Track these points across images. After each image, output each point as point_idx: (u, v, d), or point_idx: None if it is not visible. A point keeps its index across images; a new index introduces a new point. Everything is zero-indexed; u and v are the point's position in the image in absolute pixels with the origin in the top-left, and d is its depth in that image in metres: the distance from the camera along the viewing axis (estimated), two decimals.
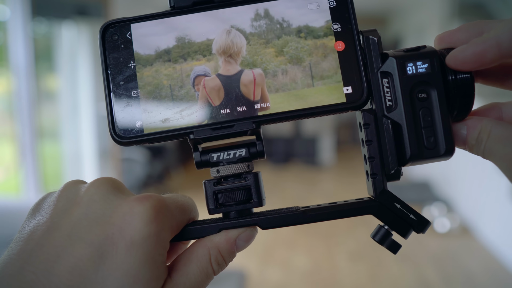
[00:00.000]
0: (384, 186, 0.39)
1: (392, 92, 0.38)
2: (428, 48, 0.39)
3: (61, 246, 0.32)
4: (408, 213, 0.39)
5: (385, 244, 0.39)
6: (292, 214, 0.39)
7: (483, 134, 0.36)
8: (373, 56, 0.39)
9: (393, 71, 0.38)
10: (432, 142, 0.38)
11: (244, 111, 0.39)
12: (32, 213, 0.35)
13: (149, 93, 0.39)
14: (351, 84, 0.39)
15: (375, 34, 0.39)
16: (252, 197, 0.39)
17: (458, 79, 0.37)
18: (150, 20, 0.40)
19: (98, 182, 0.35)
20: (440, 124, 0.38)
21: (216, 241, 0.37)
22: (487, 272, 3.18)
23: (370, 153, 0.39)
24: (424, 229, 0.39)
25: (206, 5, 0.40)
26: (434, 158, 0.38)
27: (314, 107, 0.39)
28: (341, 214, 0.39)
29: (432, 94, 0.38)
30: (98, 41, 0.40)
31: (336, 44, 0.40)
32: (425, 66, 0.38)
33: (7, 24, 3.42)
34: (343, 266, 3.32)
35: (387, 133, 0.38)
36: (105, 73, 0.40)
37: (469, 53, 0.36)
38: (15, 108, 3.47)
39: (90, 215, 0.33)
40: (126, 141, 0.39)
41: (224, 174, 0.39)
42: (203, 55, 0.40)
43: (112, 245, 0.32)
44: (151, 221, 0.33)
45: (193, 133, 0.39)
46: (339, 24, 0.40)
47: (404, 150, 0.38)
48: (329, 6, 0.40)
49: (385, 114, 0.38)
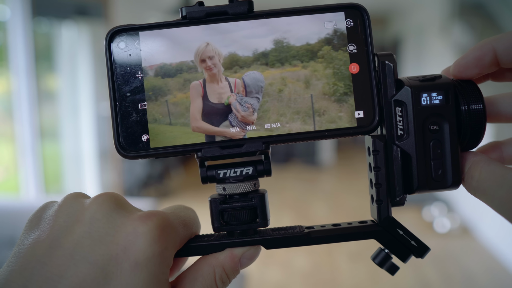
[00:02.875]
0: (389, 212, 0.39)
1: (404, 121, 0.38)
2: (444, 79, 0.39)
3: (64, 265, 0.31)
4: (409, 240, 0.39)
5: (384, 267, 0.40)
6: (296, 236, 0.39)
7: (474, 170, 0.36)
8: (387, 83, 0.38)
9: (407, 101, 0.38)
10: (440, 175, 0.38)
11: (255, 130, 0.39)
12: (31, 225, 0.34)
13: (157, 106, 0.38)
14: (363, 109, 0.39)
15: (391, 59, 0.39)
16: (258, 217, 0.39)
17: (471, 109, 0.38)
18: (162, 29, 0.38)
19: (100, 199, 0.34)
20: (449, 157, 0.38)
21: (221, 260, 0.37)
22: (487, 272, 3.18)
23: (377, 180, 0.39)
24: (423, 255, 0.40)
25: (220, 17, 0.38)
26: (441, 189, 0.39)
27: (324, 130, 0.39)
28: (345, 237, 0.40)
29: (444, 127, 0.38)
30: (104, 47, 0.38)
31: (351, 66, 0.39)
32: (439, 98, 0.38)
33: (7, 24, 3.42)
34: (343, 266, 3.32)
35: (395, 161, 0.38)
36: (111, 83, 0.38)
37: (470, 58, 0.38)
38: (15, 108, 3.47)
39: (93, 234, 0.32)
40: (131, 155, 0.38)
41: (230, 193, 0.39)
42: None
43: (117, 265, 0.31)
44: (155, 241, 0.33)
45: (201, 151, 0.38)
46: (355, 46, 0.39)
47: (411, 179, 0.38)
48: (346, 26, 0.39)
49: (396, 142, 0.38)
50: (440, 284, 3.04)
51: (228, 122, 0.39)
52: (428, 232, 3.80)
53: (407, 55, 6.77)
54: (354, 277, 3.16)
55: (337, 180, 5.91)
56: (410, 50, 6.60)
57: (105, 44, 0.38)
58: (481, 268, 3.22)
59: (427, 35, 5.55)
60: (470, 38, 3.99)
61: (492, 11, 3.80)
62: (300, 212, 4.55)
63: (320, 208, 4.67)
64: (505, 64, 0.37)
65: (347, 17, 0.39)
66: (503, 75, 0.40)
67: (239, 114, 0.39)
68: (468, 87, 0.38)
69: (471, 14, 4.10)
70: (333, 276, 3.20)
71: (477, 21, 4.02)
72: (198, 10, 0.38)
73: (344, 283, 3.11)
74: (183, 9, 0.39)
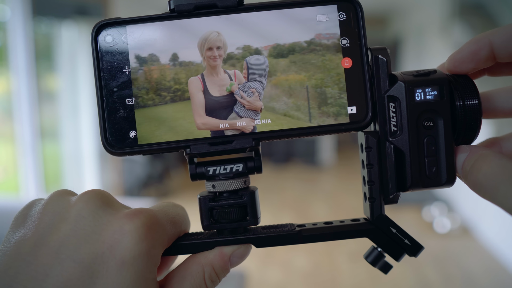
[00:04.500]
0: (382, 210, 0.38)
1: (398, 117, 0.37)
2: (439, 74, 0.38)
3: (49, 264, 0.31)
4: (403, 238, 0.39)
5: (377, 266, 0.39)
6: (287, 234, 0.38)
7: (482, 163, 0.34)
8: (381, 78, 0.38)
9: (401, 96, 0.37)
10: (434, 172, 0.37)
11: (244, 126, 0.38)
12: (16, 223, 0.34)
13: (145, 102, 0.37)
14: (356, 104, 0.38)
15: (384, 53, 0.38)
16: (248, 215, 0.38)
17: (466, 105, 0.37)
18: (148, 22, 0.37)
19: (86, 196, 0.34)
20: (443, 154, 0.37)
21: (210, 258, 0.37)
22: (487, 272, 3.18)
23: (370, 177, 0.38)
24: (417, 254, 0.39)
25: (208, 10, 0.38)
26: (435, 187, 0.38)
27: (315, 126, 0.38)
28: (337, 236, 0.39)
29: (439, 123, 0.37)
30: (90, 42, 0.38)
31: (344, 60, 0.38)
32: (434, 93, 0.37)
33: (7, 24, 3.42)
34: (343, 266, 3.31)
35: (388, 158, 0.38)
36: (98, 78, 0.37)
37: (466, 52, 0.37)
38: (15, 108, 3.47)
39: (79, 232, 0.32)
40: (118, 151, 0.37)
41: (220, 190, 0.38)
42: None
43: (103, 264, 0.31)
44: (142, 239, 0.32)
45: (190, 148, 0.37)
46: (348, 39, 0.38)
47: (405, 177, 0.38)
48: (338, 19, 0.38)
49: (389, 139, 0.38)
50: (440, 284, 3.03)
51: (235, 114, 0.38)
52: (428, 232, 3.80)
53: (407, 55, 6.77)
54: (354, 277, 3.16)
55: (337, 180, 5.91)
56: (410, 50, 6.60)
57: (91, 38, 0.38)
58: (481, 268, 3.22)
59: (427, 35, 5.55)
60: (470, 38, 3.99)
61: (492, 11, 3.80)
62: (300, 212, 4.55)
63: (320, 208, 4.67)
64: (502, 58, 0.36)
65: (340, 10, 0.38)
66: (500, 69, 0.39)
67: (245, 101, 0.38)
68: (463, 82, 0.37)
69: (471, 14, 4.10)
70: (333, 276, 3.20)
71: (477, 21, 4.02)
72: (187, 3, 0.37)
73: (344, 283, 3.11)
74: (171, 2, 0.38)
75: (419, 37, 5.95)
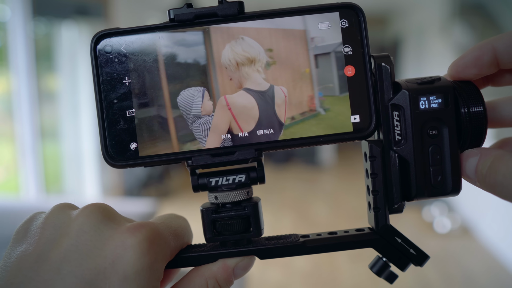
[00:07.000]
0: (387, 220, 0.38)
1: (402, 126, 0.37)
2: (443, 81, 0.37)
3: (51, 280, 0.30)
4: (408, 248, 0.38)
5: (382, 276, 0.39)
6: (291, 245, 0.38)
7: (499, 164, 0.33)
8: (384, 86, 0.37)
9: (405, 105, 0.36)
10: (439, 181, 0.37)
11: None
12: (17, 237, 0.34)
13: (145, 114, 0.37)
14: (359, 113, 0.37)
15: (388, 61, 0.37)
16: (251, 227, 0.38)
17: (471, 112, 0.36)
18: (148, 32, 0.37)
19: (87, 211, 0.33)
20: (449, 162, 0.36)
21: (214, 271, 0.36)
22: (487, 272, 3.17)
23: (374, 186, 0.37)
24: (423, 263, 0.39)
25: (208, 19, 0.37)
26: (440, 196, 0.37)
27: (318, 136, 0.38)
28: (341, 246, 0.39)
29: (444, 131, 0.36)
30: (89, 52, 0.37)
31: (346, 68, 0.37)
32: (438, 101, 0.36)
33: (7, 24, 3.42)
34: (343, 267, 3.31)
35: (393, 167, 0.37)
36: (97, 89, 0.37)
37: (469, 58, 0.36)
38: (15, 108, 3.47)
39: (80, 247, 0.31)
40: (119, 163, 0.37)
41: (222, 201, 0.38)
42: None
43: (105, 280, 0.31)
44: (144, 254, 0.32)
45: (191, 159, 0.37)
46: (350, 47, 0.37)
47: (410, 186, 0.37)
48: (341, 26, 0.37)
49: (393, 148, 0.37)
50: (440, 284, 3.03)
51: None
52: (428, 232, 3.80)
53: (407, 56, 6.77)
54: (355, 277, 3.16)
55: (337, 180, 5.90)
56: (410, 50, 6.59)
57: (90, 48, 0.37)
58: (482, 268, 3.22)
59: (427, 35, 5.55)
60: (470, 38, 3.99)
61: (492, 11, 3.80)
62: (300, 212, 4.55)
63: (321, 208, 4.67)
64: (505, 64, 0.36)
65: (342, 17, 0.37)
66: (503, 77, 0.39)
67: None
68: (468, 89, 0.37)
69: (471, 14, 4.09)
70: (333, 276, 3.20)
71: (478, 21, 4.01)
72: (186, 12, 0.37)
73: (344, 284, 3.11)
74: (171, 12, 0.37)
75: (419, 37, 5.95)
